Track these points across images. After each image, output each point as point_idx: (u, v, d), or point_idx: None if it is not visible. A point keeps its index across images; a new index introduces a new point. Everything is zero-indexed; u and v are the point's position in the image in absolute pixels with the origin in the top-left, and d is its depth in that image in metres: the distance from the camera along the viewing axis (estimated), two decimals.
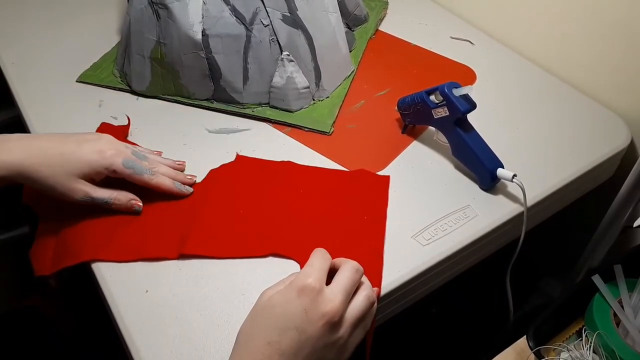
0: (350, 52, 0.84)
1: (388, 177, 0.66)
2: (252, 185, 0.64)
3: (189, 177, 0.64)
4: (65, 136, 0.58)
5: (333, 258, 0.50)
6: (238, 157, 0.68)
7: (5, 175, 0.53)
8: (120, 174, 0.58)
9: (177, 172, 0.63)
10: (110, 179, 0.59)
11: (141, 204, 0.60)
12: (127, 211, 0.59)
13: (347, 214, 0.61)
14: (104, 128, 0.70)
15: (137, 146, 0.65)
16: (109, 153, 0.57)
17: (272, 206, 0.61)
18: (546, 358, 0.59)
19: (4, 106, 0.95)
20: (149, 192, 0.60)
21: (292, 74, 0.72)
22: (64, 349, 0.95)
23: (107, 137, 0.59)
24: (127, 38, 0.75)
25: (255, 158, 0.68)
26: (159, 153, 0.66)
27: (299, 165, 0.67)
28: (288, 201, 0.62)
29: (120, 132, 0.70)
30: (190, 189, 0.62)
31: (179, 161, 0.66)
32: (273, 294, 0.45)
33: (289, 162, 0.67)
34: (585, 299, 0.65)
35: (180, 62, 0.72)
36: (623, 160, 0.75)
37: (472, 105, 0.63)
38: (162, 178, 0.60)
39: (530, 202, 0.63)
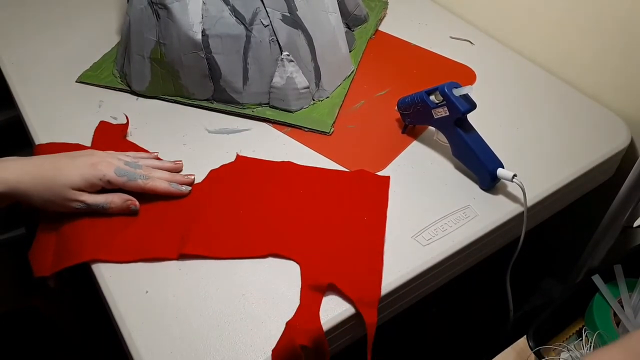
0: (350, 52, 0.84)
1: (388, 177, 0.66)
2: (252, 185, 0.64)
3: (187, 176, 0.64)
4: (60, 154, 0.61)
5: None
6: (238, 157, 0.68)
7: (3, 192, 0.55)
8: (115, 183, 0.59)
9: (174, 174, 0.64)
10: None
11: (137, 204, 0.60)
12: (125, 212, 0.60)
13: (347, 215, 0.61)
14: (103, 126, 0.70)
15: (132, 152, 0.65)
16: (101, 165, 0.59)
17: (272, 206, 0.61)
18: (546, 358, 0.59)
19: (4, 106, 0.95)
20: (149, 194, 0.60)
21: (292, 74, 0.72)
22: (64, 349, 0.95)
23: (100, 152, 0.61)
24: (127, 38, 0.75)
25: (255, 158, 0.68)
26: (155, 155, 0.66)
27: (299, 165, 0.67)
28: (288, 201, 0.62)
29: (119, 131, 0.70)
30: (189, 188, 0.62)
31: (177, 161, 0.66)
32: None
33: (289, 162, 0.67)
34: (585, 299, 0.65)
35: (180, 62, 0.72)
36: (623, 160, 0.75)
37: (472, 105, 0.63)
38: (157, 181, 0.61)
39: (530, 202, 0.63)
